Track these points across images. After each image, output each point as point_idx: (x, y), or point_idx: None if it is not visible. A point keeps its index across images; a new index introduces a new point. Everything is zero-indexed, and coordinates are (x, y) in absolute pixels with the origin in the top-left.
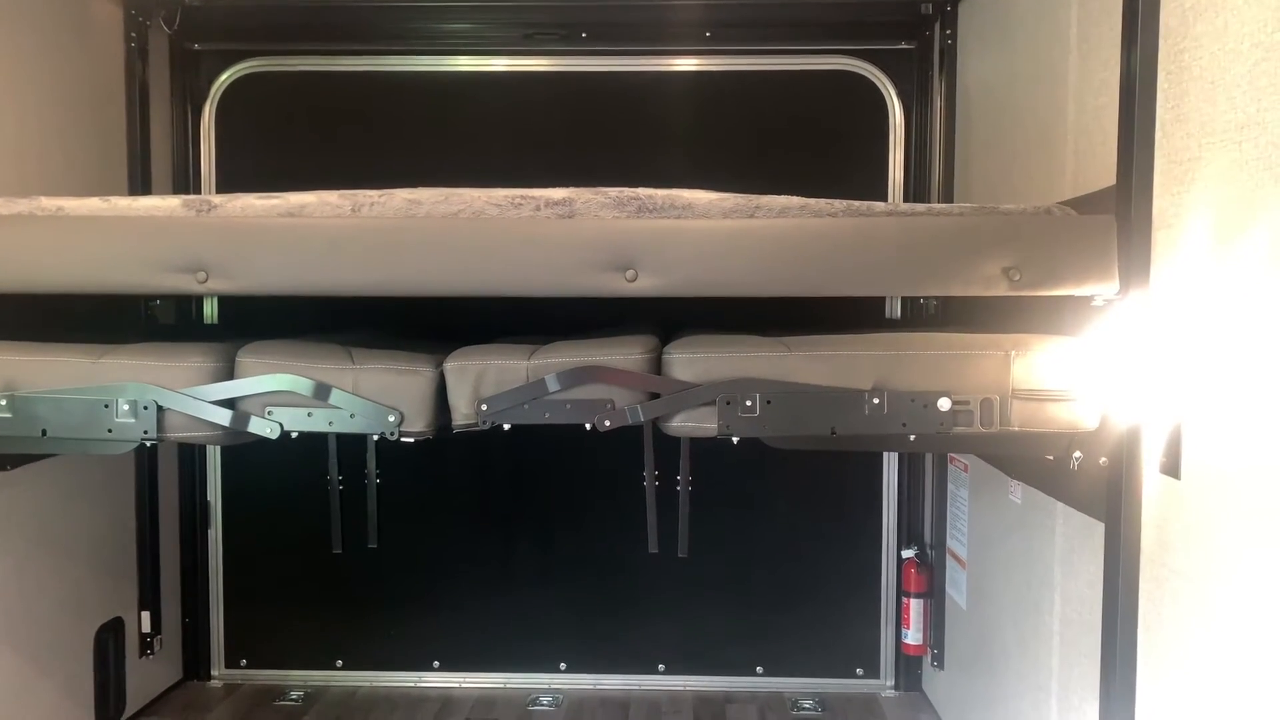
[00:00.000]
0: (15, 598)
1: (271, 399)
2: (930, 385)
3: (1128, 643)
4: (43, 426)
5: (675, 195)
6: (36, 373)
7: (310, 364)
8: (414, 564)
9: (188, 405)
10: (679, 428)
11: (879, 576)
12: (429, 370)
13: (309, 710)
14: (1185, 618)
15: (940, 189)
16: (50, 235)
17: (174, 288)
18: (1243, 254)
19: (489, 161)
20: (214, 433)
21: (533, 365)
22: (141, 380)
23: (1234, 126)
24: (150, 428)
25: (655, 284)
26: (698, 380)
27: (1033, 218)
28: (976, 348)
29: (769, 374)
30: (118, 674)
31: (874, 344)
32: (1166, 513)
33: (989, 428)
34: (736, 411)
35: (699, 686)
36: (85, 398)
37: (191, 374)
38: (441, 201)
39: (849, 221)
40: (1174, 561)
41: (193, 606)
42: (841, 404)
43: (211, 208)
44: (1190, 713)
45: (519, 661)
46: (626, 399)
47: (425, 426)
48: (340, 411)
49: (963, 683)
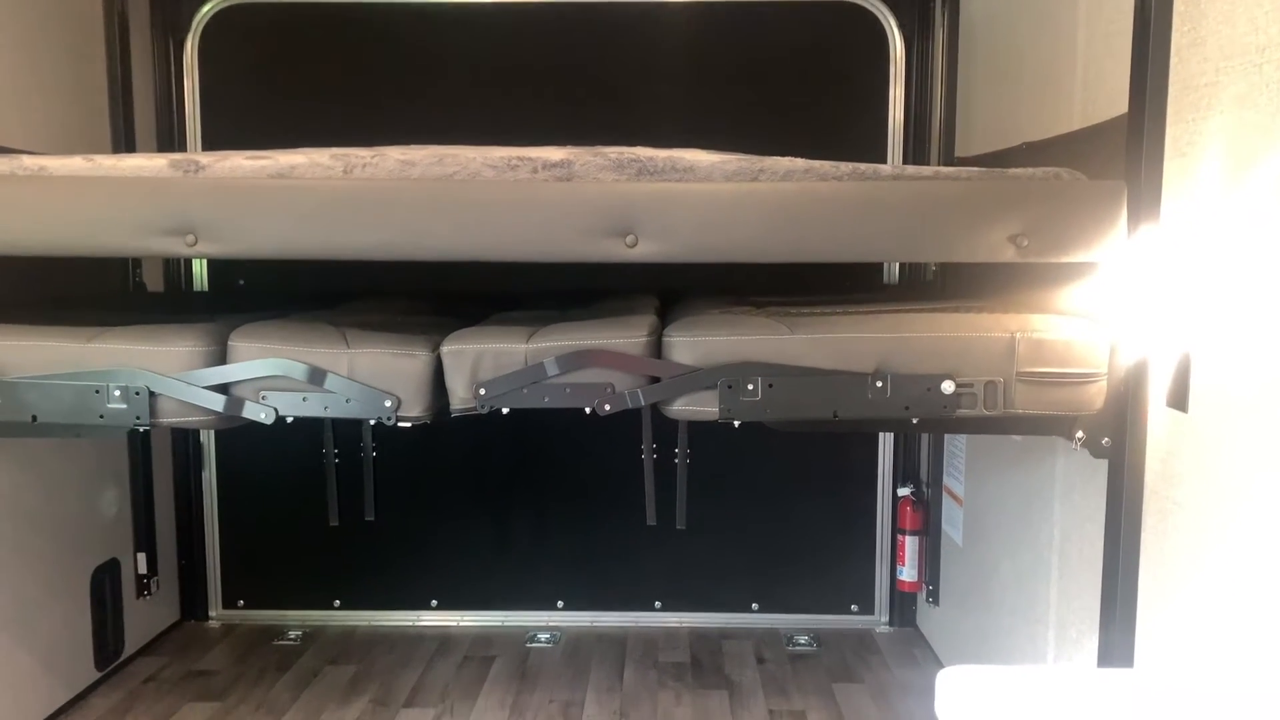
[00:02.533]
0: (10, 537)
1: (266, 384)
2: (933, 367)
3: (1129, 575)
4: (32, 413)
5: (676, 157)
6: (25, 357)
7: (304, 348)
8: (411, 505)
9: (180, 391)
10: (680, 411)
11: (874, 515)
12: (425, 353)
13: (308, 649)
14: (1188, 550)
15: (942, 125)
16: (32, 196)
17: (162, 250)
18: (1261, 181)
19: (478, 94)
20: (208, 418)
21: (531, 349)
22: (133, 364)
23: (1254, 49)
24: (143, 413)
25: (656, 249)
26: (698, 363)
27: (1041, 183)
28: (981, 329)
29: (771, 357)
30: (115, 614)
31: (877, 326)
32: (1172, 446)
33: (992, 410)
34: (738, 395)
35: (695, 623)
36: (76, 383)
37: (184, 358)
38: (436, 163)
39: (854, 186)
40: (1178, 494)
41: (188, 548)
42: (844, 387)
43: (199, 168)
44: (1191, 643)
45: (516, 600)
46: (626, 382)
47: (422, 411)
48: (336, 396)
49: (958, 618)
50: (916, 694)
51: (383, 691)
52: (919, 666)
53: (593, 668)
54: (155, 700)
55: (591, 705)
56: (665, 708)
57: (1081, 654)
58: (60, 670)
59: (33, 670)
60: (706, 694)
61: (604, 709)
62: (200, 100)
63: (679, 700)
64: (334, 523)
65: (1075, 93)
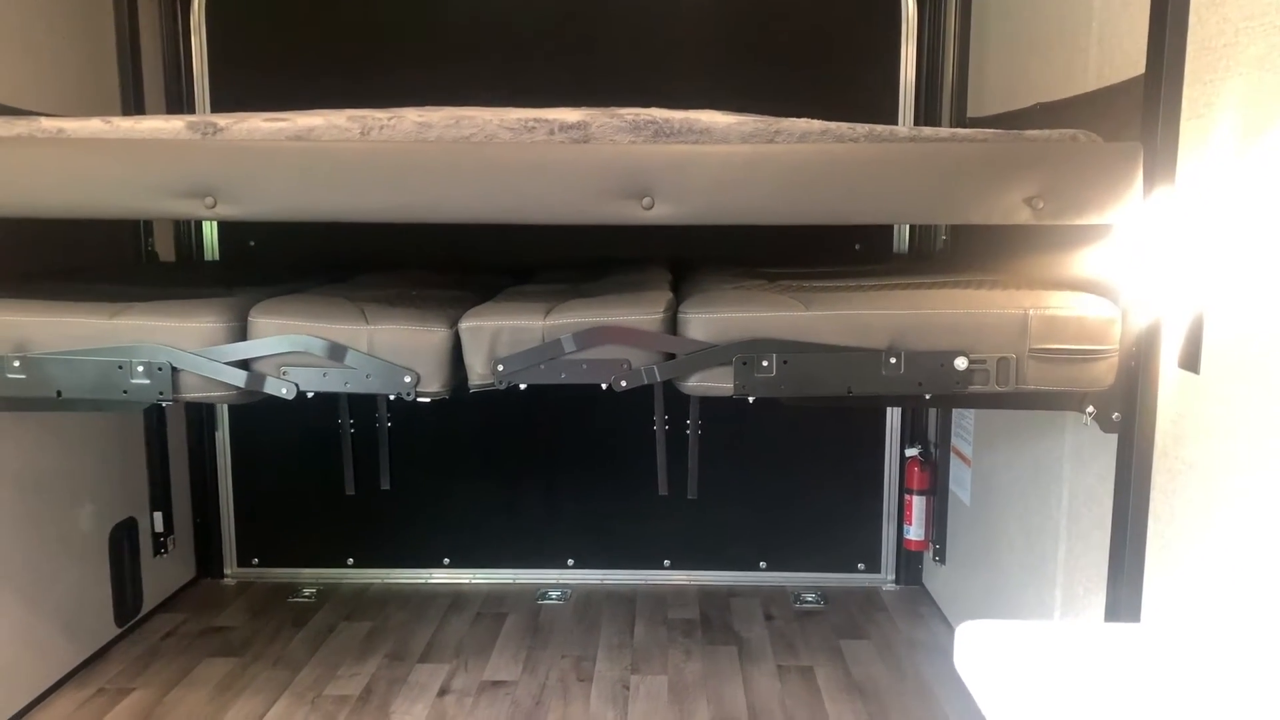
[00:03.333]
0: (32, 495)
1: (286, 359)
2: (946, 343)
3: (1138, 534)
4: (57, 388)
5: (693, 118)
6: (50, 332)
7: (324, 324)
8: (423, 466)
9: (202, 367)
10: (694, 387)
11: (882, 475)
12: (443, 330)
13: (322, 606)
14: (1198, 509)
15: (954, 85)
16: (51, 158)
17: (181, 212)
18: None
19: (493, 55)
20: (229, 393)
21: (548, 325)
22: (155, 340)
23: (1274, 9)
24: (165, 389)
25: (672, 212)
26: (713, 340)
27: (1058, 145)
28: (994, 306)
29: (785, 333)
30: (134, 571)
31: (891, 302)
32: (1183, 407)
33: (1004, 386)
34: (752, 372)
35: (703, 581)
36: (100, 359)
37: (205, 334)
38: (452, 125)
39: (871, 147)
40: (1189, 455)
41: (203, 507)
42: (858, 364)
43: (217, 130)
44: (1198, 602)
45: (527, 558)
46: (642, 359)
47: (441, 386)
48: (356, 372)
49: (964, 576)
50: (923, 650)
51: (397, 647)
52: (925, 623)
53: (603, 624)
54: (175, 655)
55: (603, 660)
56: (675, 663)
57: (1089, 612)
58: (82, 626)
59: (56, 625)
60: (716, 650)
61: (615, 664)
62: (208, 59)
63: (689, 656)
64: (350, 492)
65: (1090, 53)
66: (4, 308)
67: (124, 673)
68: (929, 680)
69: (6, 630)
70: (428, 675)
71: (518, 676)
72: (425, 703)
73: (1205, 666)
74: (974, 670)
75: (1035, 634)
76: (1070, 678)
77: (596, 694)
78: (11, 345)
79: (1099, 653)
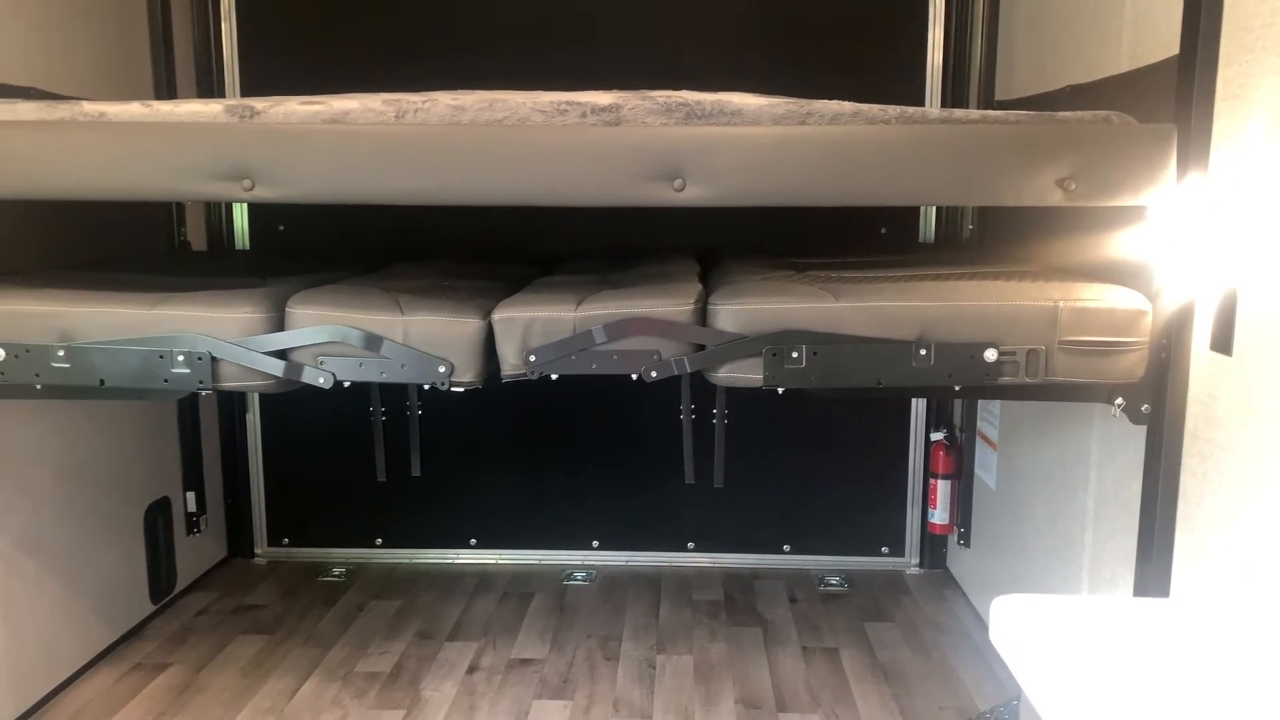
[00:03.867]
0: (69, 477)
1: (324, 349)
2: (976, 335)
3: (1167, 519)
4: (100, 376)
5: (724, 100)
6: (93, 322)
7: (360, 314)
8: (450, 448)
9: (241, 356)
10: (724, 378)
11: (906, 459)
12: (477, 320)
13: (352, 585)
14: (1228, 492)
15: (982, 67)
16: (94, 141)
17: (219, 194)
18: None
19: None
20: (267, 382)
21: (579, 316)
22: (195, 330)
23: None
24: (205, 377)
25: (703, 194)
26: (742, 331)
27: (1091, 126)
28: (1024, 297)
29: (814, 324)
30: (168, 550)
31: (920, 293)
32: (1215, 390)
33: (1034, 377)
34: (782, 363)
35: (727, 564)
36: (141, 349)
37: (244, 324)
38: (486, 108)
39: (902, 129)
40: (1220, 437)
41: (234, 488)
42: (888, 355)
43: (254, 113)
44: (1227, 586)
45: (553, 540)
46: (672, 349)
47: (474, 376)
48: (391, 362)
49: (989, 560)
50: (948, 633)
51: (426, 625)
52: (949, 607)
53: (628, 605)
54: (208, 632)
55: (629, 640)
56: (701, 643)
57: (1117, 594)
58: (118, 602)
59: (93, 602)
60: (740, 631)
61: (641, 643)
62: (238, 44)
63: (714, 636)
64: (381, 479)
65: (1123, 33)
66: (48, 299)
67: (160, 649)
68: (954, 663)
69: (47, 607)
70: (456, 653)
71: (545, 655)
72: (454, 680)
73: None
74: (1009, 643)
75: (1068, 608)
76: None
77: (623, 672)
78: (56, 335)
79: (1130, 627)
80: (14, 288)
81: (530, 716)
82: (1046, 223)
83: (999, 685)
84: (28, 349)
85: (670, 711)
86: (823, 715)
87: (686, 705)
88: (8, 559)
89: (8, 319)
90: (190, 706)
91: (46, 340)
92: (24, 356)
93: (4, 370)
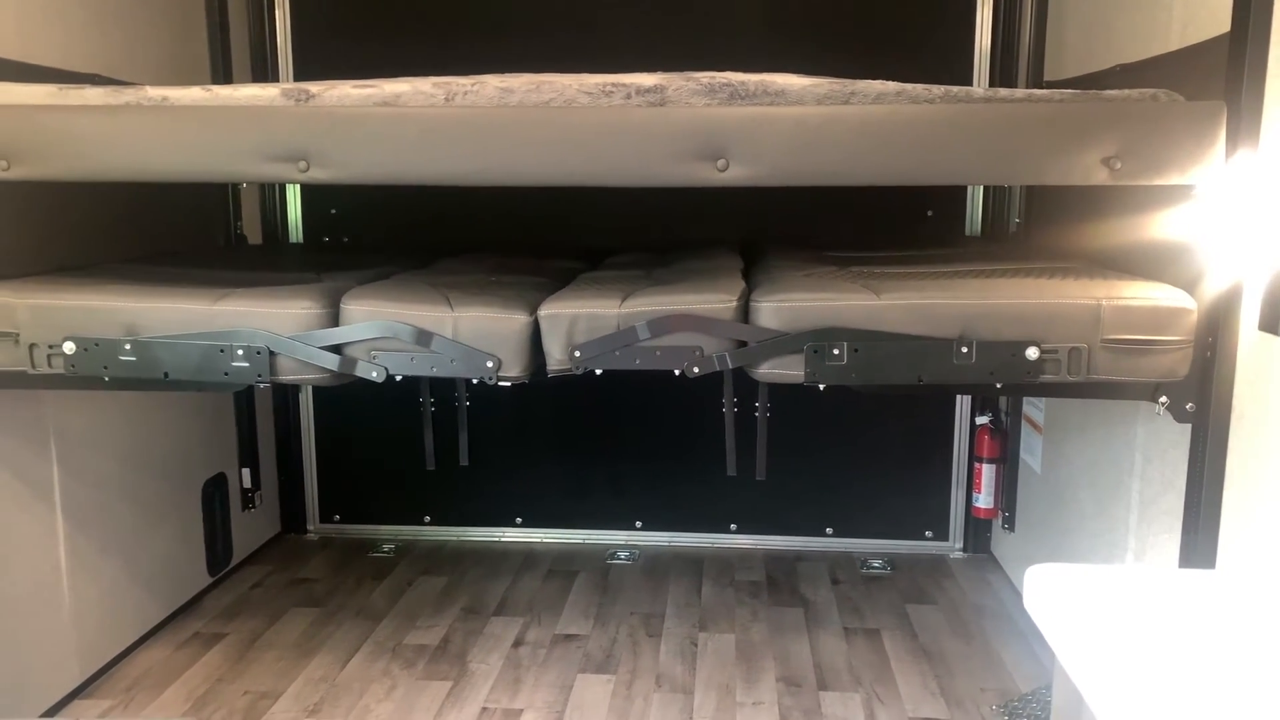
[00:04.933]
0: (130, 453)
1: (376, 344)
2: (1018, 333)
3: (1213, 499)
4: (164, 369)
5: (768, 81)
6: (156, 318)
7: (412, 310)
8: (497, 429)
9: (298, 350)
10: (765, 374)
11: (951, 443)
12: (523, 316)
13: (401, 561)
14: (1276, 473)
15: (1031, 47)
16: (157, 125)
17: (276, 175)
18: None
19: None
20: (322, 375)
21: (623, 313)
22: (254, 325)
23: None
24: (264, 371)
25: (747, 173)
26: (785, 327)
27: (1138, 104)
28: (1067, 295)
29: (856, 322)
30: (224, 525)
31: (963, 291)
32: (1263, 369)
33: (1075, 376)
34: (823, 360)
35: (769, 545)
36: (203, 343)
37: (300, 319)
38: (533, 90)
39: (946, 108)
40: (1269, 415)
41: (287, 466)
42: (929, 353)
43: (310, 97)
44: (1273, 568)
45: (596, 520)
46: (714, 346)
47: (521, 371)
48: (441, 356)
49: (1033, 544)
50: (991, 616)
51: (473, 601)
52: (993, 591)
53: (671, 584)
54: (263, 604)
55: (671, 618)
56: (743, 622)
57: None
58: (177, 575)
59: (153, 574)
60: (782, 611)
61: (683, 622)
62: (291, 30)
63: (755, 616)
64: (430, 468)
65: (1174, 11)
66: (115, 294)
67: (216, 619)
68: (996, 646)
69: (110, 578)
70: (502, 628)
71: (589, 631)
72: (500, 653)
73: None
74: (1044, 611)
75: (1105, 578)
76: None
77: (665, 649)
78: (122, 329)
79: (1168, 596)
80: (83, 283)
81: (574, 690)
82: (1094, 212)
83: (1041, 668)
84: (97, 343)
85: (712, 688)
86: (864, 695)
87: (728, 682)
88: (73, 533)
89: (78, 314)
90: (246, 675)
91: (114, 334)
92: (93, 350)
93: (75, 363)
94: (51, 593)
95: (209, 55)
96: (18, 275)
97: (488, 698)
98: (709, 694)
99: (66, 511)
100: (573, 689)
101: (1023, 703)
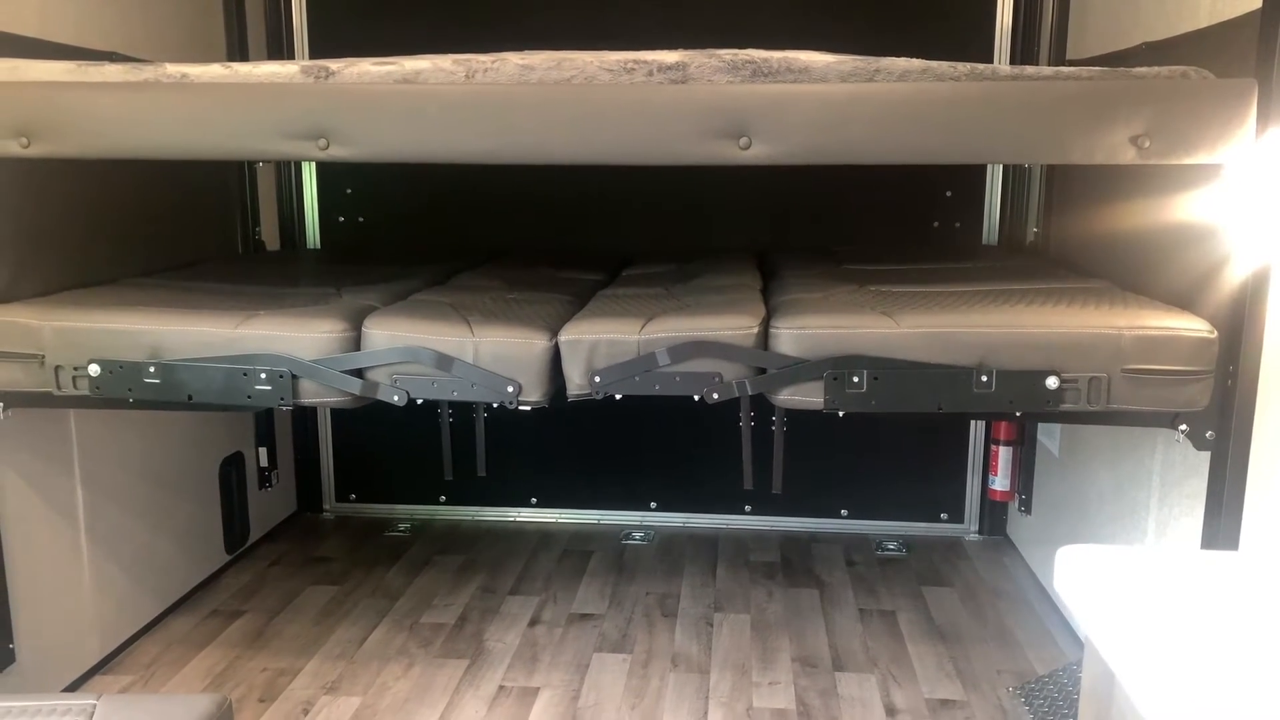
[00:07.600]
0: (150, 431)
1: (398, 369)
2: (1038, 362)
3: (1236, 482)
4: (188, 392)
5: (791, 58)
6: (180, 341)
7: (433, 335)
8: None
9: (321, 375)
10: (785, 401)
11: (966, 425)
12: (544, 341)
13: (417, 540)
14: None
15: (1054, 25)
16: (177, 102)
17: (296, 153)
18: None
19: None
20: (344, 398)
21: (643, 339)
22: (277, 349)
23: None
24: (286, 394)
25: (769, 152)
26: (804, 355)
27: (1167, 82)
28: (1088, 325)
29: (876, 350)
30: (241, 503)
31: (982, 316)
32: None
33: (1095, 405)
34: (843, 388)
35: (784, 527)
36: (227, 366)
37: (323, 343)
38: (554, 67)
39: (971, 86)
40: None
41: (304, 445)
42: (949, 381)
43: (330, 74)
44: None
45: (611, 500)
46: (734, 372)
47: (541, 396)
48: (461, 381)
49: (1050, 527)
50: (1006, 598)
51: (489, 579)
52: (1009, 573)
53: (685, 564)
54: (281, 581)
55: (687, 598)
56: (758, 603)
57: None
58: (196, 552)
59: (173, 550)
60: (797, 591)
61: (699, 602)
62: (307, 7)
63: (771, 596)
64: (448, 477)
65: None
66: (139, 316)
67: (235, 596)
68: (1012, 628)
69: (131, 555)
70: (518, 606)
71: (604, 610)
72: (517, 631)
73: None
74: (1074, 592)
75: (1133, 559)
76: (1170, 601)
77: (681, 629)
78: (147, 352)
79: (1198, 578)
80: (108, 304)
81: (591, 668)
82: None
83: (1058, 650)
84: (121, 365)
85: (728, 667)
86: (879, 675)
87: (744, 662)
88: (92, 511)
89: (103, 336)
90: (265, 651)
91: (138, 357)
92: (118, 373)
93: (100, 385)
94: (71, 570)
95: (224, 32)
96: (43, 287)
97: (504, 676)
98: (725, 674)
99: (85, 491)
100: (589, 668)
101: (1039, 685)
